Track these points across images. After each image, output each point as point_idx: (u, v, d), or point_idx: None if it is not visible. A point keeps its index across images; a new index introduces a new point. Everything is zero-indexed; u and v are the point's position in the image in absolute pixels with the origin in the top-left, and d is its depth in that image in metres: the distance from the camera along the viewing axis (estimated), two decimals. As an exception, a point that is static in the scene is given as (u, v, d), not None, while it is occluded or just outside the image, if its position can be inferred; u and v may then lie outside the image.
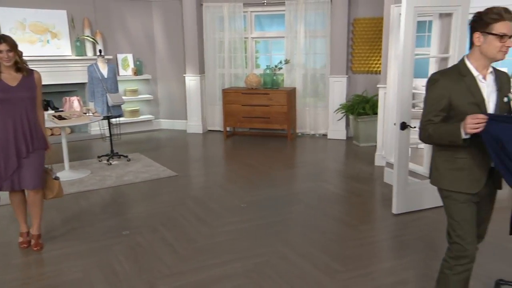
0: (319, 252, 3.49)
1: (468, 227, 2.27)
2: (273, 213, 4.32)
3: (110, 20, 7.80)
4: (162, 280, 3.10)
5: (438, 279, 2.43)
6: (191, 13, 7.73)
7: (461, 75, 2.22)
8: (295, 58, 7.51)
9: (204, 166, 6.30)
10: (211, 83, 8.07)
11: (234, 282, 3.07)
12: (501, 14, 2.06)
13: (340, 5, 6.99)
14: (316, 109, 7.64)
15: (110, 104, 5.84)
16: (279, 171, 5.72)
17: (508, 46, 2.11)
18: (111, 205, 4.61)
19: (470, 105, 2.18)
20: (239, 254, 3.47)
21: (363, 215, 4.30)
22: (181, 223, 4.10)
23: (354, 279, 3.09)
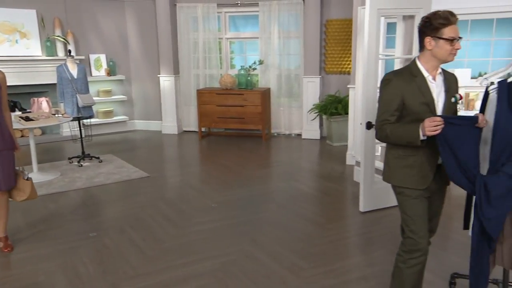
0: (286, 250, 3.54)
1: (420, 222, 2.35)
2: (243, 213, 4.35)
3: (82, 20, 7.71)
4: (127, 281, 3.09)
5: (393, 273, 2.50)
6: (165, 13, 7.71)
7: (412, 75, 2.31)
8: (270, 58, 7.57)
9: (177, 167, 6.29)
10: (186, 83, 8.06)
11: (200, 281, 3.09)
12: (449, 18, 2.16)
13: (312, 6, 7.08)
14: (291, 109, 7.71)
15: (80, 105, 5.78)
16: (252, 171, 5.75)
17: (458, 48, 2.20)
18: (79, 207, 4.57)
19: (421, 104, 2.27)
20: (206, 254, 3.49)
21: (331, 213, 4.37)
22: (150, 224, 4.09)
23: (318, 276, 3.15)
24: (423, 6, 4.06)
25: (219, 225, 4.07)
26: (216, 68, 7.92)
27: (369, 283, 3.06)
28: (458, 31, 2.19)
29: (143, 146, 7.34)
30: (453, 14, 2.19)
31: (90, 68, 7.87)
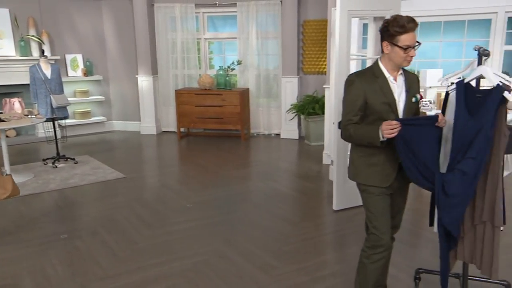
0: (259, 250, 3.56)
1: (383, 219, 2.41)
2: (218, 213, 4.36)
3: (57, 20, 7.61)
4: (96, 282, 3.07)
5: (358, 268, 2.56)
6: (142, 13, 7.66)
7: (375, 76, 2.36)
8: (248, 59, 7.59)
9: (155, 167, 6.26)
10: (164, 84, 8.02)
11: (170, 282, 3.09)
12: (405, 26, 2.19)
13: (289, 7, 7.13)
14: (270, 109, 7.75)
15: (54, 105, 5.71)
16: (229, 172, 5.76)
17: (412, 56, 2.25)
18: (52, 209, 4.51)
19: (382, 104, 2.32)
20: (178, 254, 3.49)
21: (305, 212, 4.41)
22: (123, 225, 4.07)
23: (288, 274, 3.17)
24: (393, 8, 4.14)
25: (194, 225, 4.07)
26: (195, 68, 7.91)
27: (337, 279, 3.10)
28: (414, 39, 2.23)
29: (120, 147, 7.28)
30: (412, 21, 2.21)
31: (66, 68, 7.77)
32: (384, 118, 2.29)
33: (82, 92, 7.93)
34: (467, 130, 2.26)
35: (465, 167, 2.21)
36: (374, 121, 2.34)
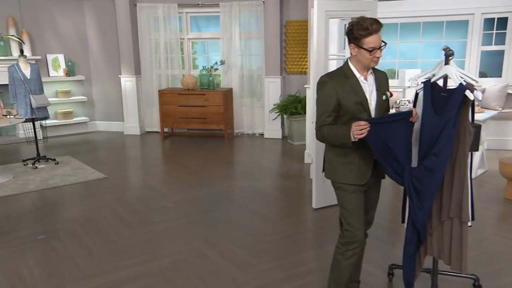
0: (237, 247, 3.58)
1: (357, 215, 2.44)
2: (198, 212, 4.36)
3: (38, 19, 7.53)
4: (72, 283, 3.06)
5: (332, 265, 2.59)
6: (125, 13, 7.63)
7: (346, 77, 2.38)
8: (231, 59, 7.61)
9: (137, 167, 6.23)
10: (148, 84, 8.00)
11: (146, 281, 3.09)
12: (368, 28, 2.22)
13: (272, 7, 7.16)
14: (253, 109, 7.78)
15: (34, 105, 5.66)
16: (211, 171, 5.77)
17: (378, 57, 2.29)
18: (30, 210, 4.47)
19: (355, 104, 2.35)
20: (156, 254, 3.49)
21: (285, 210, 4.44)
22: (102, 225, 4.05)
23: (265, 271, 3.20)
24: (369, 9, 4.19)
25: (173, 224, 4.07)
26: (178, 68, 7.90)
27: (314, 276, 3.13)
28: (379, 40, 2.26)
29: (103, 148, 7.23)
30: (376, 22, 2.24)
31: (48, 68, 7.70)
32: (358, 118, 2.32)
33: (64, 92, 7.86)
34: (433, 128, 2.32)
35: (429, 163, 2.26)
36: (348, 120, 2.36)
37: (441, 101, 2.36)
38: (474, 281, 2.91)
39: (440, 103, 2.36)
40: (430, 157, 2.26)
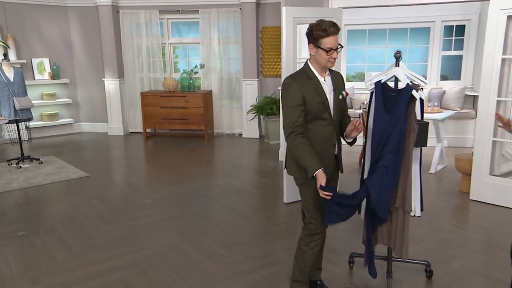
0: (210, 241, 3.59)
1: (320, 209, 2.46)
2: (175, 208, 4.36)
3: (23, 25, 7.39)
4: (49, 276, 3.03)
5: (296, 255, 2.61)
6: (108, 19, 7.55)
7: (309, 78, 2.37)
8: (211, 63, 7.61)
9: (119, 166, 6.18)
10: (131, 86, 7.93)
11: (122, 273, 3.08)
12: (327, 30, 2.24)
13: (248, 14, 7.19)
14: (232, 110, 7.79)
15: (17, 107, 5.56)
16: (191, 169, 5.76)
17: (334, 57, 2.31)
18: (12, 208, 4.40)
19: (318, 104, 2.34)
20: (132, 248, 3.48)
21: (258, 205, 4.47)
22: (82, 221, 4.02)
23: (235, 262, 3.22)
24: (335, 15, 4.25)
25: (150, 220, 4.06)
26: (160, 71, 7.86)
27: (282, 265, 3.17)
28: (336, 42, 2.27)
29: (87, 148, 7.15)
30: (334, 25, 2.26)
31: (33, 72, 7.57)
32: (320, 117, 2.34)
33: (49, 95, 7.73)
34: (385, 126, 2.38)
35: (386, 162, 2.32)
36: (311, 120, 2.35)
37: (391, 100, 2.42)
38: (426, 267, 2.99)
39: (390, 103, 2.43)
40: (386, 156, 2.32)
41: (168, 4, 7.51)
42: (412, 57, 7.10)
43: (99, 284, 2.94)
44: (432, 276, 2.97)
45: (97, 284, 2.94)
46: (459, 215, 4.11)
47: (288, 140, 2.36)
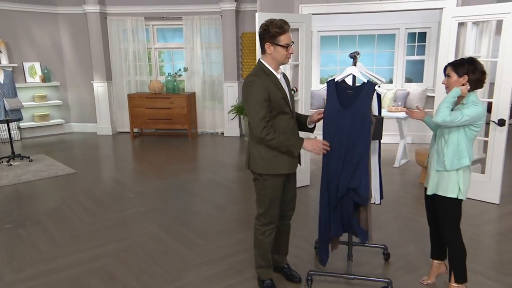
0: (187, 230, 3.60)
1: (276, 202, 2.47)
2: (157, 201, 4.35)
3: (15, 30, 7.26)
4: (32, 265, 3.01)
5: (255, 244, 2.62)
6: (96, 25, 7.48)
7: (267, 75, 2.33)
8: (194, 66, 7.60)
9: (105, 164, 6.13)
10: (118, 89, 7.87)
11: (102, 261, 3.07)
12: (283, 27, 2.25)
13: (229, 20, 7.21)
14: (214, 110, 7.79)
15: (7, 108, 5.46)
16: (173, 166, 5.75)
17: (291, 52, 2.31)
18: (1, 202, 4.32)
19: (281, 99, 2.31)
20: (114, 238, 3.47)
21: (234, 198, 4.49)
22: (67, 214, 3.98)
23: (209, 250, 3.24)
24: (305, 21, 4.30)
25: (132, 212, 4.05)
26: (146, 74, 7.81)
27: (252, 252, 3.18)
28: (290, 38, 2.29)
29: (77, 147, 7.06)
30: (286, 23, 2.27)
31: (25, 75, 7.44)
32: (283, 111, 2.31)
33: (40, 97, 7.61)
34: (341, 121, 2.42)
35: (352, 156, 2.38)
36: (275, 115, 2.31)
37: (348, 97, 2.47)
38: (383, 250, 3.05)
39: (347, 99, 2.47)
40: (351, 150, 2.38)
41: (154, 12, 7.47)
42: (379, 61, 7.21)
43: (80, 271, 2.93)
44: (389, 259, 3.04)
45: (78, 272, 2.92)
46: (417, 204, 4.20)
47: (261, 135, 2.25)
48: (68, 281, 2.81)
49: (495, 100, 3.91)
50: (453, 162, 2.36)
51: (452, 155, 2.36)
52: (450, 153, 2.37)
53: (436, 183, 2.45)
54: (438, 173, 2.44)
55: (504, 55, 3.78)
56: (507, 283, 2.73)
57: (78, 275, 2.88)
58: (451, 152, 2.37)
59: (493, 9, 3.83)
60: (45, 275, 2.88)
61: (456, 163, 2.36)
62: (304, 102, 4.51)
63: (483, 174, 4.14)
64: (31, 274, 2.89)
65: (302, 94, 4.48)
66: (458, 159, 2.36)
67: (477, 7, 3.94)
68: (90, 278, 2.85)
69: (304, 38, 4.32)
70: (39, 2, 7.44)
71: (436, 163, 2.45)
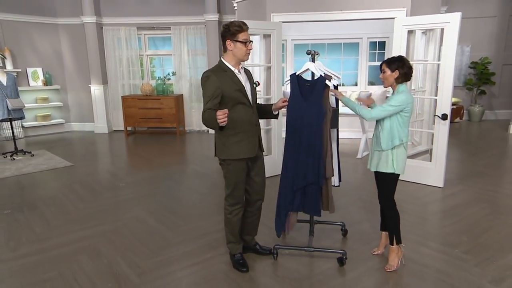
0: (170, 214, 3.60)
1: (241, 185, 2.49)
2: (144, 189, 4.34)
3: (19, 39, 7.13)
4: (28, 245, 2.98)
5: (225, 223, 2.63)
6: (93, 34, 7.39)
7: (223, 70, 2.34)
8: (182, 71, 7.58)
9: (100, 158, 6.06)
10: (113, 91, 7.79)
11: (91, 240, 3.06)
12: (241, 26, 2.28)
13: (212, 30, 7.21)
14: (200, 110, 7.75)
15: (10, 107, 5.37)
16: (162, 159, 5.73)
17: (250, 49, 2.34)
18: (2, 192, 4.26)
19: (236, 91, 2.33)
20: (103, 221, 3.45)
21: (214, 185, 4.49)
22: (62, 201, 3.94)
23: (189, 230, 3.25)
24: (276, 28, 4.35)
25: (122, 199, 4.03)
26: (138, 78, 7.76)
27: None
28: (249, 37, 2.32)
29: (75, 143, 6.97)
30: (245, 24, 2.32)
31: (28, 79, 7.31)
32: (240, 102, 2.33)
33: (42, 99, 7.49)
34: (304, 111, 2.46)
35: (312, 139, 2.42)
36: (233, 106, 2.32)
37: (306, 89, 2.52)
38: (342, 227, 3.12)
39: (306, 91, 2.52)
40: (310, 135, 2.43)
41: (145, 22, 7.43)
42: (345, 66, 7.31)
43: (70, 250, 2.92)
44: (347, 234, 3.10)
45: (69, 250, 2.91)
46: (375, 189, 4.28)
47: (202, 120, 2.31)
48: (59, 258, 2.79)
49: (439, 98, 4.02)
50: (387, 143, 2.50)
51: (386, 137, 2.49)
52: (385, 136, 2.50)
53: (377, 162, 2.56)
54: (378, 153, 2.56)
55: (446, 59, 3.89)
56: (446, 251, 2.82)
57: (69, 253, 2.86)
58: (385, 135, 2.51)
59: (436, 19, 3.94)
60: (38, 253, 2.86)
61: (390, 143, 2.50)
62: (276, 99, 4.55)
63: (431, 162, 4.26)
64: (26, 253, 2.87)
65: (274, 92, 4.52)
66: (391, 140, 2.49)
67: (423, 17, 4.05)
68: (79, 255, 2.84)
69: (276, 43, 4.36)
70: (42, 13, 7.32)
71: (375, 144, 2.58)
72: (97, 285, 2.46)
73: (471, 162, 5.15)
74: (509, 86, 7.99)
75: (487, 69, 7.85)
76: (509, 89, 7.99)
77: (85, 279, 2.53)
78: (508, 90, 8.04)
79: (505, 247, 2.87)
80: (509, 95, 8.00)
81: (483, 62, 7.86)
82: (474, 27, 7.81)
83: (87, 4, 7.26)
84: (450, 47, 3.84)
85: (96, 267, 2.68)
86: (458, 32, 3.78)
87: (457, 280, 2.47)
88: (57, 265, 2.70)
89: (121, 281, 2.51)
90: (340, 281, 2.47)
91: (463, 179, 4.44)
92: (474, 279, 2.49)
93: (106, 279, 2.53)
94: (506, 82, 8.02)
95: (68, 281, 2.51)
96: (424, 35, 4.72)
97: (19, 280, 2.53)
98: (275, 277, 2.53)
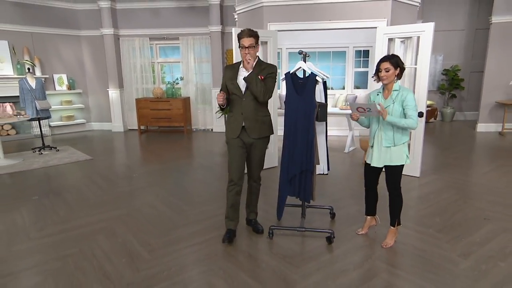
0: (178, 201, 3.59)
1: (234, 164, 2.52)
2: (155, 179, 4.33)
3: (46, 48, 7.14)
4: (52, 225, 2.99)
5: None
6: (111, 44, 7.39)
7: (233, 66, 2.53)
8: (189, 76, 7.57)
9: (116, 152, 6.05)
10: (128, 94, 7.78)
11: (107, 223, 3.07)
12: (242, 33, 2.36)
13: (216, 40, 7.20)
14: (205, 111, 7.77)
15: (38, 108, 5.38)
16: (171, 154, 5.72)
17: (246, 53, 2.38)
18: (31, 181, 4.27)
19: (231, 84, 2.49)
20: (118, 206, 3.45)
21: (217, 176, 4.48)
22: (82, 189, 3.95)
23: (194, 214, 3.25)
24: (272, 36, 4.34)
25: (135, 187, 4.03)
26: (150, 83, 7.75)
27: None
28: (248, 43, 2.37)
29: (95, 141, 6.97)
30: (243, 30, 2.39)
31: (54, 84, 7.32)
32: (233, 93, 2.46)
33: (67, 101, 7.50)
34: (297, 105, 2.47)
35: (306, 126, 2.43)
36: (231, 94, 2.48)
37: (300, 85, 2.53)
38: (330, 210, 3.12)
39: (299, 87, 2.52)
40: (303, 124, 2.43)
41: (156, 33, 7.42)
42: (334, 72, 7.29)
43: (89, 230, 2.92)
44: (335, 217, 3.10)
45: (88, 230, 2.92)
46: (360, 179, 4.27)
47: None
48: (80, 237, 2.80)
49: (416, 97, 4.01)
50: (401, 138, 2.43)
51: (401, 134, 2.43)
52: (399, 133, 2.43)
53: (389, 157, 2.46)
54: (387, 149, 2.46)
55: (421, 63, 3.89)
56: (422, 231, 2.83)
57: (88, 233, 2.87)
58: (399, 132, 2.43)
59: (413, 28, 3.94)
60: (62, 233, 2.87)
61: (402, 138, 2.44)
62: (272, 101, 4.54)
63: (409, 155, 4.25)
64: (51, 232, 2.88)
65: (270, 95, 4.50)
66: (403, 135, 2.43)
67: (401, 26, 4.05)
68: (97, 235, 2.84)
69: (272, 49, 4.36)
70: (67, 26, 7.32)
71: (385, 141, 2.45)
72: (112, 260, 2.47)
73: (443, 156, 5.15)
74: (476, 91, 8.00)
75: (457, 75, 7.90)
76: (476, 93, 8.00)
77: (102, 255, 2.54)
78: (475, 94, 8.05)
79: (472, 227, 2.87)
80: (476, 98, 8.00)
81: (454, 70, 7.89)
82: (446, 39, 7.83)
83: (106, 18, 7.26)
84: (425, 52, 3.83)
85: (112, 245, 2.68)
86: (432, 40, 3.78)
87: (431, 255, 2.47)
88: (78, 243, 2.71)
89: (133, 256, 2.52)
90: (328, 257, 2.47)
91: (436, 170, 4.44)
92: (445, 253, 2.49)
93: (121, 255, 2.54)
94: (473, 87, 8.04)
95: (87, 257, 2.52)
96: (403, 44, 4.71)
97: (45, 255, 2.55)
98: (271, 254, 2.53)
